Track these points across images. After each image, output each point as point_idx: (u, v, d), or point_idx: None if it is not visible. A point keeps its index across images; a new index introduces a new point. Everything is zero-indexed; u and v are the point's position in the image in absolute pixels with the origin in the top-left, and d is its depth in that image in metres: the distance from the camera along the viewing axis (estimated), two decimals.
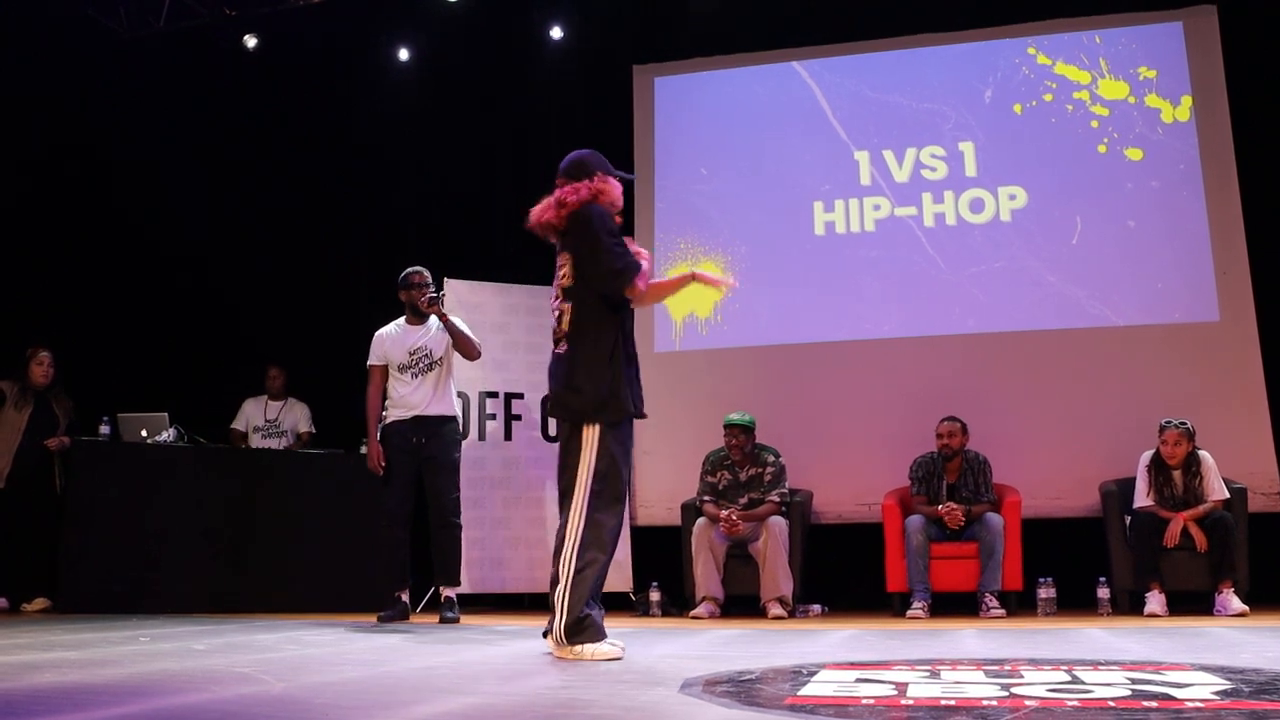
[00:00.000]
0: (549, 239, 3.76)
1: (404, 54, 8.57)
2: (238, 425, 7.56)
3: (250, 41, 8.53)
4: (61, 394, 7.05)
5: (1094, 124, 7.27)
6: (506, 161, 8.21)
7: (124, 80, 8.44)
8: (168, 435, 6.65)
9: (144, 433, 6.65)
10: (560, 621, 3.40)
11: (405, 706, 2.33)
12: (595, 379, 3.52)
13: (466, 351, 5.88)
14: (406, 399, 5.79)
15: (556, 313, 3.67)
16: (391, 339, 5.90)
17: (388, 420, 5.81)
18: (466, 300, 7.20)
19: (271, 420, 7.51)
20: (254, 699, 2.40)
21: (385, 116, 8.54)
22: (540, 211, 3.73)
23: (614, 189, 3.75)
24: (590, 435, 3.51)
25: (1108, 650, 3.61)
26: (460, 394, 6.33)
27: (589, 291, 3.59)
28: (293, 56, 8.56)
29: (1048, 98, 7.38)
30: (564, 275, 3.66)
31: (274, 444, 7.41)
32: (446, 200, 8.34)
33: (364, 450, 5.97)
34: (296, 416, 7.59)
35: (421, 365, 5.84)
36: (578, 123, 8.13)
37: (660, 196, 7.92)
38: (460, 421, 6.03)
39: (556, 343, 3.66)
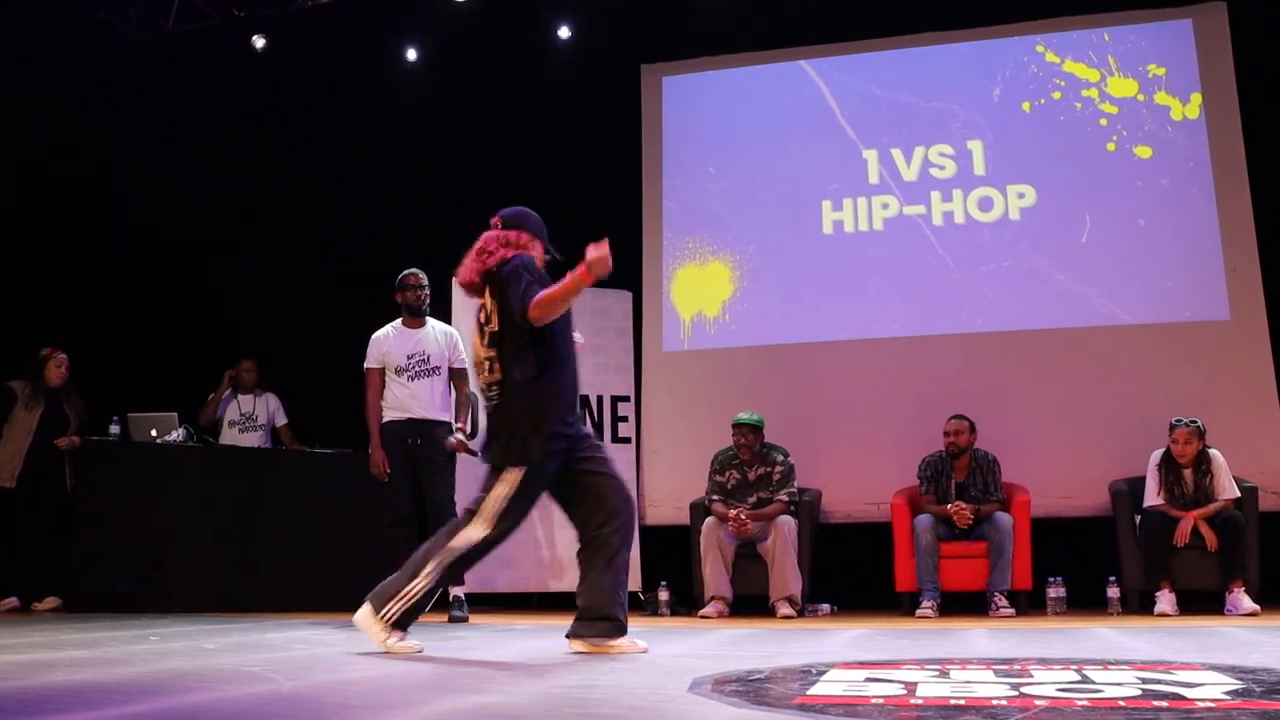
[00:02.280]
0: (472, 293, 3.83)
1: (411, 54, 8.57)
2: (204, 421, 7.25)
3: (258, 42, 8.54)
4: (73, 394, 7.07)
5: (1103, 122, 7.25)
6: (513, 161, 8.21)
7: (132, 81, 8.46)
8: (177, 435, 6.67)
9: (153, 432, 6.67)
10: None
11: (415, 705, 2.33)
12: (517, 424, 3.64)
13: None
14: (403, 402, 5.86)
15: (485, 363, 3.72)
16: (389, 341, 5.95)
17: (383, 419, 5.88)
18: (471, 300, 7.17)
19: (247, 414, 7.36)
20: (264, 698, 2.40)
21: (392, 116, 8.55)
22: (469, 267, 3.82)
23: (536, 253, 3.82)
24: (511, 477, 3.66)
25: (1118, 650, 3.60)
26: (470, 393, 6.34)
27: (513, 335, 3.65)
28: (300, 57, 8.57)
29: (1056, 95, 7.36)
30: (489, 320, 3.71)
31: (252, 438, 7.28)
32: (452, 200, 8.34)
33: (370, 451, 5.97)
34: (271, 409, 7.43)
35: (418, 369, 5.89)
36: (585, 123, 8.14)
37: (669, 196, 7.92)
38: (468, 423, 6.05)
39: (487, 392, 3.75)
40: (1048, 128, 7.34)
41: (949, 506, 6.25)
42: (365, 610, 3.64)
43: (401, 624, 3.65)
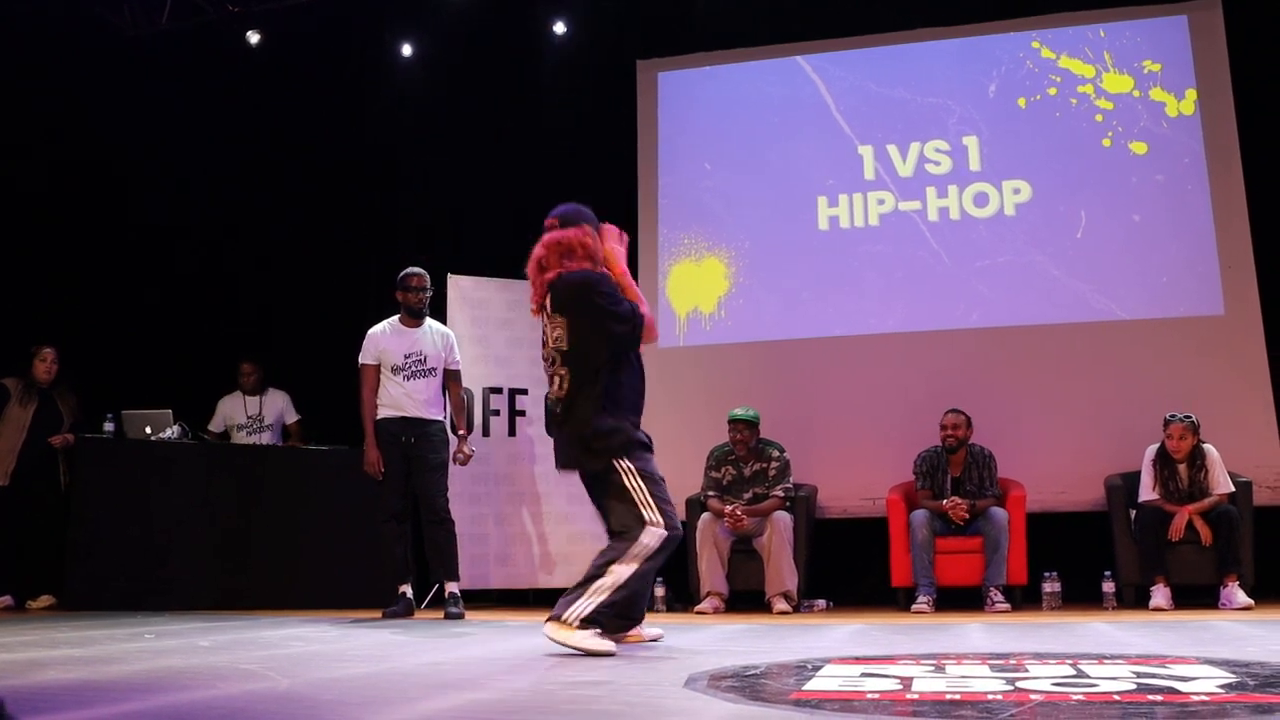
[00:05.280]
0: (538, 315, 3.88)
1: (407, 50, 8.55)
2: (214, 426, 7.34)
3: (253, 38, 8.51)
4: (66, 391, 7.06)
5: (1098, 118, 7.26)
6: (510, 156, 8.20)
7: (127, 77, 8.44)
8: (172, 432, 6.66)
9: (148, 429, 6.66)
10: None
11: (411, 702, 2.33)
12: (601, 422, 3.68)
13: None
14: (398, 400, 5.86)
15: (555, 378, 3.77)
16: (386, 339, 5.94)
17: (377, 417, 5.88)
18: (470, 296, 7.19)
19: (254, 415, 7.37)
20: (260, 695, 2.40)
21: (388, 112, 8.54)
22: (533, 273, 3.86)
23: (597, 244, 3.84)
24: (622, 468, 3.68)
25: (1113, 644, 3.61)
26: (465, 390, 6.34)
27: (586, 354, 3.70)
28: (296, 53, 8.55)
29: (1052, 91, 7.36)
30: (559, 339, 3.74)
31: (262, 440, 7.30)
32: (450, 195, 8.33)
33: (364, 448, 5.96)
34: (280, 407, 7.45)
35: (415, 369, 5.89)
36: (582, 118, 8.13)
37: (664, 192, 7.91)
38: (449, 423, 6.07)
39: (555, 406, 3.82)
40: (1043, 123, 7.34)
41: (945, 502, 6.26)
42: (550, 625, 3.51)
43: (594, 620, 3.50)
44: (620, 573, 3.55)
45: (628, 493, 3.65)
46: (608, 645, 3.46)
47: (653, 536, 3.62)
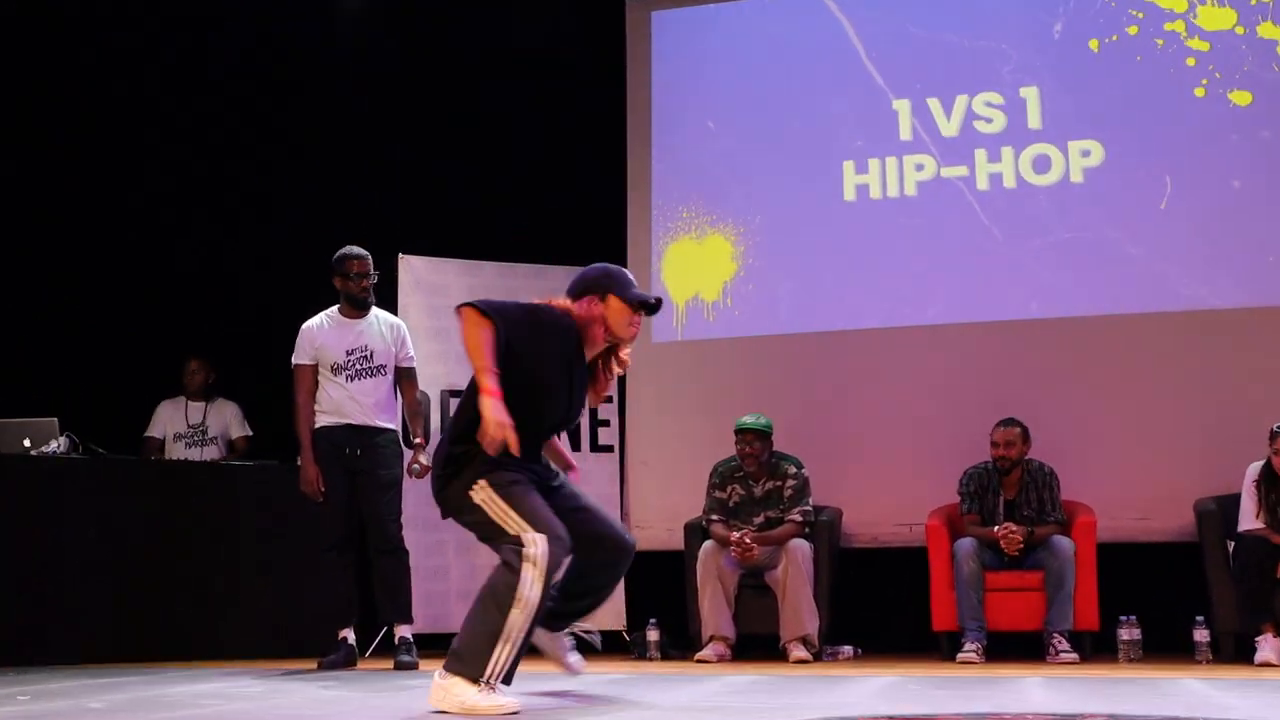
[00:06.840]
0: None
1: None
2: (154, 432, 7.42)
3: None
4: None
5: (1190, 61, 7.16)
6: (478, 117, 8.17)
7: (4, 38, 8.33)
8: (57, 445, 6.55)
9: (27, 442, 6.54)
10: None
11: None
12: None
13: None
14: (340, 405, 5.85)
15: None
16: (323, 334, 5.93)
17: (315, 425, 5.85)
18: (426, 280, 7.18)
19: (196, 425, 7.41)
20: None
21: (332, 66, 8.47)
22: None
23: (612, 314, 3.84)
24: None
25: (1207, 706, 3.62)
26: (421, 393, 6.28)
27: None
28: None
29: (1132, 30, 7.28)
30: None
31: (203, 453, 7.32)
32: (405, 165, 8.28)
33: (299, 463, 5.92)
34: (226, 419, 7.50)
35: (360, 368, 5.87)
36: (562, 69, 8.10)
37: (659, 156, 7.90)
38: (423, 434, 6.03)
39: None
40: (1120, 70, 7.26)
41: (996, 529, 6.23)
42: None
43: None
44: (515, 620, 3.48)
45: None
46: (507, 704, 3.43)
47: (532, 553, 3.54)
